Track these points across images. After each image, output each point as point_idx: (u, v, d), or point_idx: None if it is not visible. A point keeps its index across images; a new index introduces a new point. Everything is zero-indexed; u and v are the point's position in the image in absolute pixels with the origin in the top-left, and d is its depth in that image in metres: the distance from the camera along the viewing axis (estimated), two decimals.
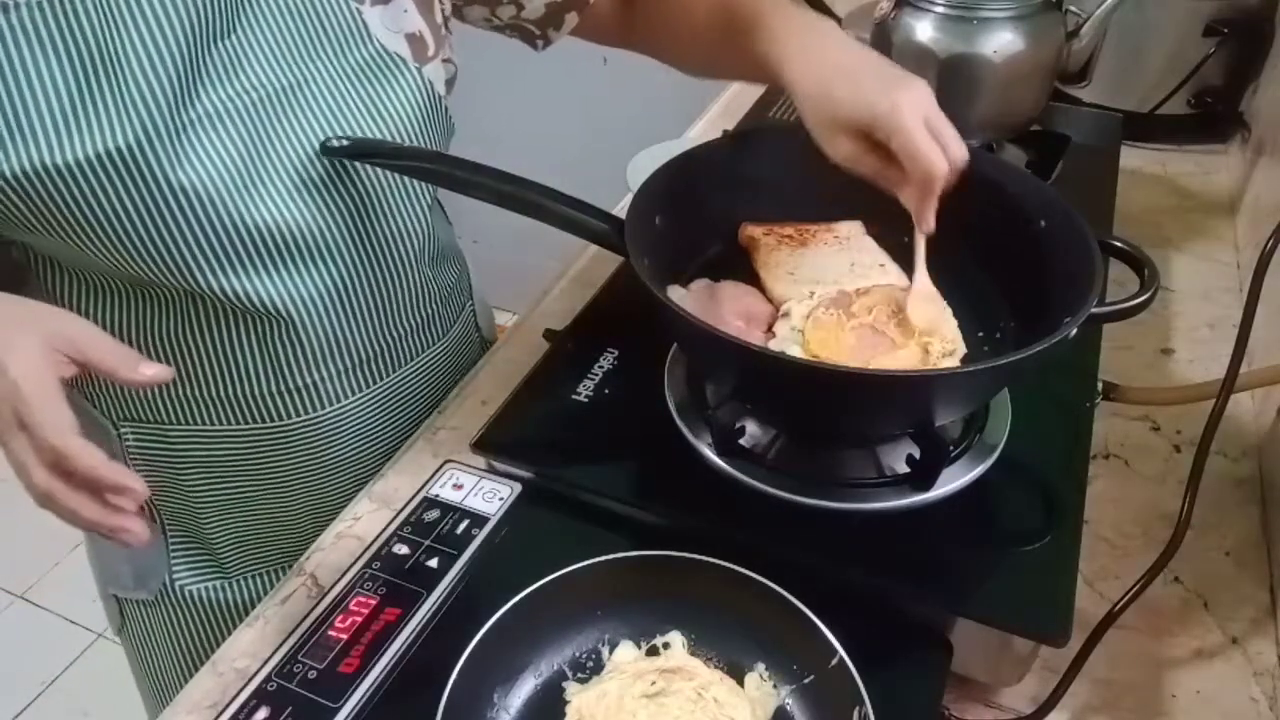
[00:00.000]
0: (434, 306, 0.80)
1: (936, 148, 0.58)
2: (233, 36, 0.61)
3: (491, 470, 0.67)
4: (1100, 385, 0.70)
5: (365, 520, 0.71)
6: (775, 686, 0.54)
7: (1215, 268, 0.98)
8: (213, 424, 0.72)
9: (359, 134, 0.65)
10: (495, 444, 0.67)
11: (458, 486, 0.66)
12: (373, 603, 0.58)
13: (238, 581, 0.82)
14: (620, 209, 0.66)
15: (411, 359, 0.79)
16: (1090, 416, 0.68)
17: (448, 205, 0.85)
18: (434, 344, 0.82)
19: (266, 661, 0.55)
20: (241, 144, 0.61)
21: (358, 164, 0.66)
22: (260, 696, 0.53)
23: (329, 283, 0.69)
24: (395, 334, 0.77)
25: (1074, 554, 0.57)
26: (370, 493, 0.74)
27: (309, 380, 0.72)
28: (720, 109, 1.30)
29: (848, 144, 0.61)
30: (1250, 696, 0.60)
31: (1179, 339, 0.89)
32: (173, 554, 0.80)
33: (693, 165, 0.69)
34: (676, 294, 0.66)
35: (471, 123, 0.82)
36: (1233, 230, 1.05)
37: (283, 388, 0.71)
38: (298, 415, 0.73)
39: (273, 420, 0.73)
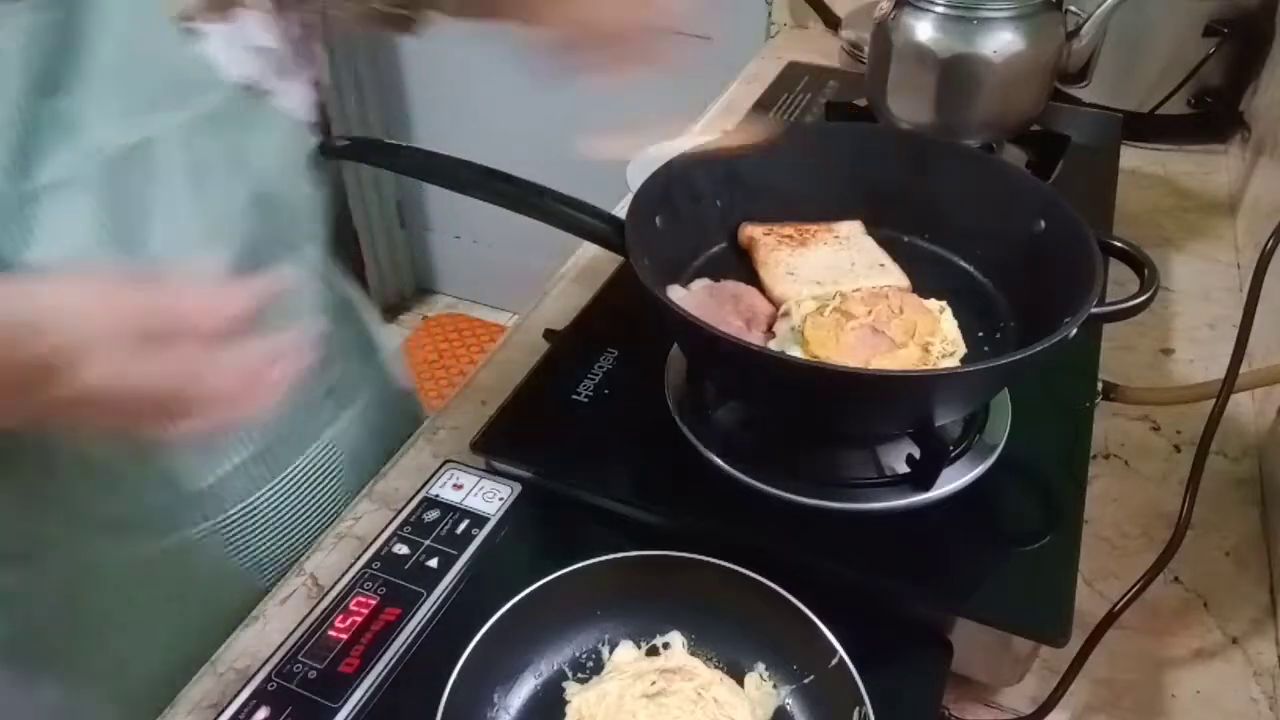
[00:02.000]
0: (336, 368, 0.72)
1: None
2: (66, 94, 0.52)
3: (491, 470, 0.67)
4: (1100, 385, 0.70)
5: (365, 520, 0.71)
6: (775, 686, 0.54)
7: (1215, 268, 0.98)
8: (100, 544, 0.64)
9: (221, 183, 0.58)
10: (495, 444, 0.67)
11: (458, 486, 0.66)
12: (373, 603, 0.58)
13: None
14: (620, 209, 0.66)
15: (322, 432, 0.71)
16: (1090, 416, 0.68)
17: (446, 205, 0.85)
18: (347, 409, 0.74)
19: (266, 661, 0.55)
20: (96, 214, 0.53)
21: (244, 212, 0.59)
22: (260, 696, 0.53)
23: None
24: (297, 406, 0.68)
25: (1074, 554, 0.57)
26: (370, 493, 0.74)
27: (206, 482, 0.64)
28: (720, 109, 1.30)
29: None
30: (1250, 696, 0.60)
31: (1179, 339, 0.89)
32: (84, 705, 0.71)
33: (693, 165, 0.69)
34: (676, 294, 0.66)
35: (472, 123, 0.82)
36: (1233, 230, 1.05)
37: (179, 495, 0.63)
38: (197, 525, 0.65)
39: (167, 535, 0.64)
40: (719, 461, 0.62)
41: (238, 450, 0.65)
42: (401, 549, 0.61)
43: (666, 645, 0.56)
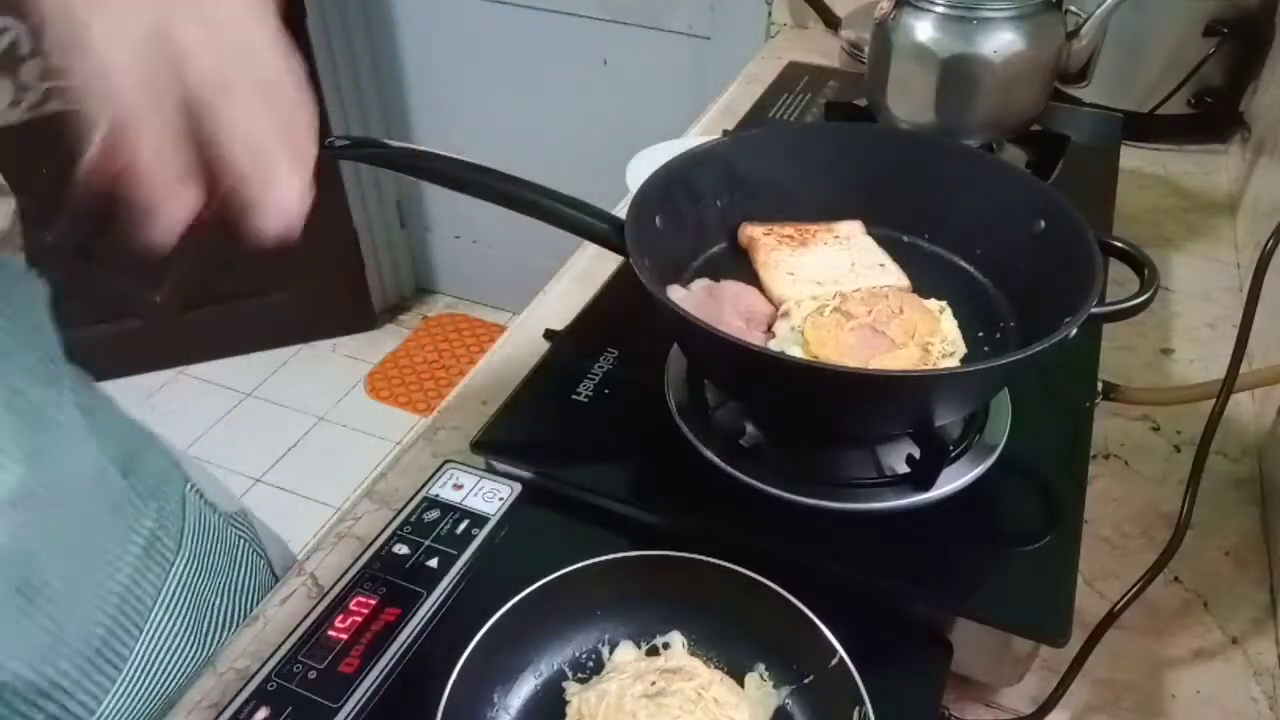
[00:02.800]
0: (145, 519, 0.62)
1: None
2: None
3: (491, 470, 0.67)
4: (1100, 385, 0.70)
5: (365, 520, 0.71)
6: (775, 686, 0.54)
7: (1215, 268, 0.98)
8: None
9: None
10: (495, 444, 0.67)
11: (458, 486, 0.66)
12: (373, 603, 0.58)
13: None
14: (620, 209, 0.66)
15: (157, 596, 0.62)
16: (1090, 416, 0.68)
17: (446, 205, 0.85)
18: (174, 560, 0.64)
19: (266, 661, 0.55)
20: None
21: None
22: (260, 696, 0.53)
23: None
24: (114, 585, 0.59)
25: (1074, 554, 0.57)
26: (370, 493, 0.74)
27: (52, 708, 0.55)
28: (720, 109, 1.30)
29: None
30: (1250, 696, 0.60)
31: (1179, 339, 0.89)
32: None
33: (693, 165, 0.69)
34: (676, 294, 0.66)
35: (472, 122, 0.82)
36: (1233, 230, 1.05)
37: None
38: None
39: None
40: (719, 461, 0.62)
41: (67, 654, 0.55)
42: (401, 549, 0.61)
43: (666, 645, 0.56)
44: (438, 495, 0.65)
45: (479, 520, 0.63)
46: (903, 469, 0.62)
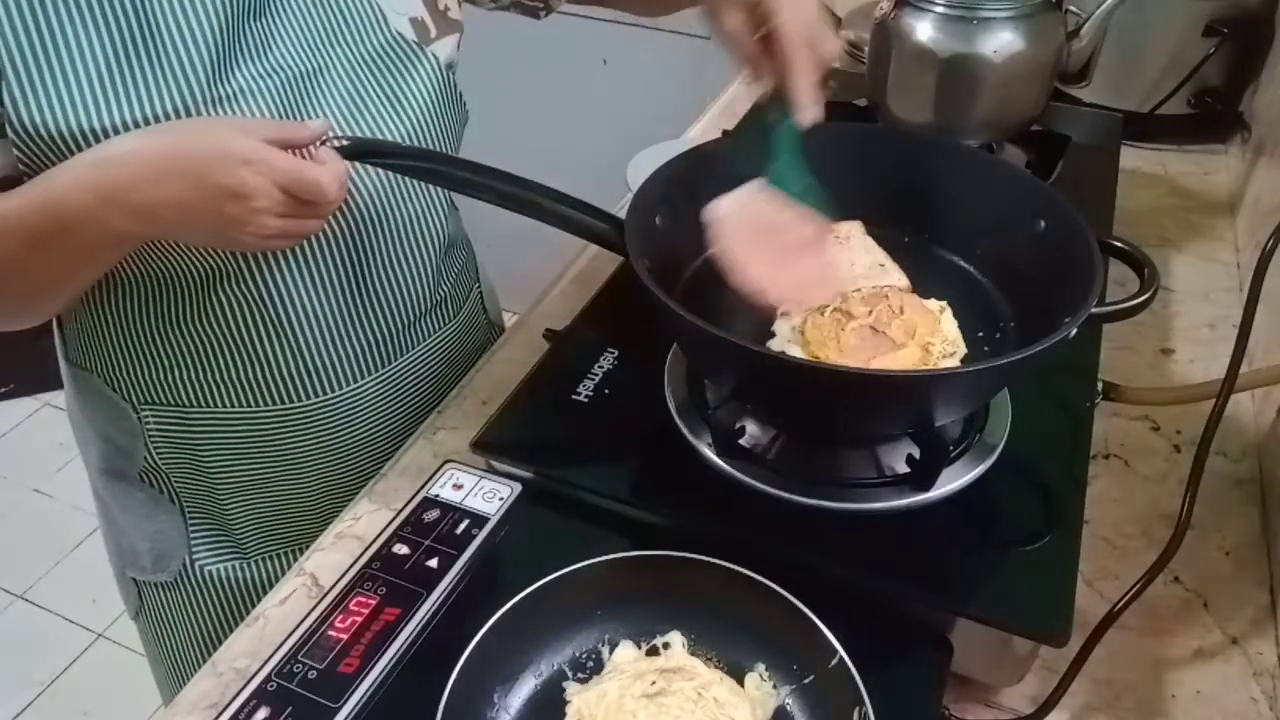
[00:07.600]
0: (444, 290, 0.82)
1: (810, 37, 0.62)
2: (264, 17, 0.64)
3: (491, 470, 0.67)
4: (1100, 385, 0.70)
5: (365, 520, 0.71)
6: (775, 686, 0.54)
7: (1215, 268, 0.98)
8: (232, 406, 0.74)
9: (376, 120, 0.69)
10: (495, 444, 0.67)
11: (458, 486, 0.66)
12: (373, 603, 0.58)
13: (256, 562, 0.82)
14: (620, 209, 0.66)
15: (423, 340, 0.81)
16: (1090, 416, 0.68)
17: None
18: (444, 325, 0.84)
19: (266, 661, 0.55)
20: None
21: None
22: (260, 696, 0.53)
23: (347, 266, 0.71)
24: (408, 317, 0.79)
25: (1074, 554, 0.57)
26: (370, 493, 0.74)
27: (325, 362, 0.74)
28: (720, 109, 1.30)
29: (736, 17, 0.64)
30: (1250, 696, 0.60)
31: (1179, 339, 0.89)
32: (192, 535, 0.81)
33: (693, 165, 0.69)
34: (725, 206, 0.64)
35: (472, 122, 0.82)
36: (1233, 230, 1.05)
37: (300, 369, 0.73)
38: (315, 397, 0.75)
39: (290, 402, 0.74)
40: (719, 461, 0.62)
41: (357, 338, 0.75)
42: (401, 549, 0.61)
43: (666, 645, 0.56)
44: (438, 495, 0.65)
45: (479, 520, 0.63)
46: (903, 469, 0.62)
